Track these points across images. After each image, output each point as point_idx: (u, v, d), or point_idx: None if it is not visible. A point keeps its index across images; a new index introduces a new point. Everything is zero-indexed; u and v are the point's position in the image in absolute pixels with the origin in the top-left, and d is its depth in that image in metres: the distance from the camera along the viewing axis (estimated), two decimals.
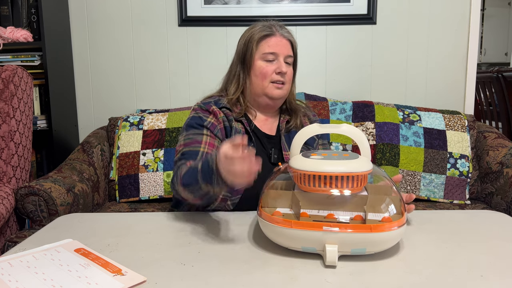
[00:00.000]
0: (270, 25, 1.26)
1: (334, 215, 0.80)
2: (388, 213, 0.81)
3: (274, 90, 1.23)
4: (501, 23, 5.75)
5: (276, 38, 1.23)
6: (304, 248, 0.80)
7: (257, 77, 1.23)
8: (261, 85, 1.23)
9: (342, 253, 0.78)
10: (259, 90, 1.24)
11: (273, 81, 1.22)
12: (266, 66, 1.22)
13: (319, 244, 0.77)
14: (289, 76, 1.24)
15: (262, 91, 1.23)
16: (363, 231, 0.75)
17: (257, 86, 1.24)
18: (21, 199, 1.43)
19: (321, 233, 0.76)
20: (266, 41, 1.23)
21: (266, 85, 1.22)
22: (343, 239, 0.76)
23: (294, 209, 0.85)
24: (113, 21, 2.08)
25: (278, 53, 1.22)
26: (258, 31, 1.24)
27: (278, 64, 1.22)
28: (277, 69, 1.22)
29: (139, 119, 1.87)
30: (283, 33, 1.25)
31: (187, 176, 1.01)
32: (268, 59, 1.22)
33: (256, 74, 1.23)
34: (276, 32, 1.24)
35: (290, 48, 1.25)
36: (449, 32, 2.07)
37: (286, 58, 1.24)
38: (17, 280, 0.73)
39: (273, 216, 0.81)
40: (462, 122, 1.83)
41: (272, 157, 1.24)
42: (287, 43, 1.24)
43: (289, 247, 0.82)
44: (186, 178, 1.00)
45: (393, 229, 0.77)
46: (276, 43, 1.23)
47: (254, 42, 1.23)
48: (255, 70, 1.23)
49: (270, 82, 1.22)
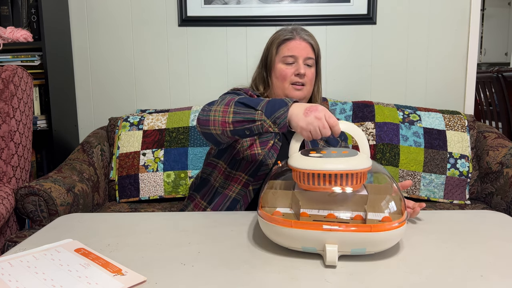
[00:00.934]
0: (292, 29, 1.30)
1: (334, 215, 0.80)
2: (388, 212, 0.81)
3: (293, 91, 1.27)
4: (501, 23, 5.75)
5: (295, 41, 1.28)
6: (304, 248, 0.80)
7: (277, 79, 1.29)
8: (281, 87, 1.28)
9: (342, 253, 0.78)
10: (280, 91, 1.29)
11: (292, 82, 1.26)
12: (286, 68, 1.27)
13: (319, 244, 0.77)
14: (309, 78, 1.28)
15: (283, 92, 1.28)
16: (363, 231, 0.75)
17: (278, 88, 1.29)
18: (21, 199, 1.43)
19: (321, 233, 0.76)
20: (286, 45, 1.28)
21: (286, 87, 1.27)
22: (343, 239, 0.76)
23: (294, 208, 0.85)
24: (113, 21, 2.08)
25: (297, 56, 1.26)
26: (280, 36, 1.30)
27: (297, 66, 1.26)
28: (296, 71, 1.26)
29: (139, 119, 1.87)
30: (303, 36, 1.29)
31: (246, 99, 1.03)
32: (288, 62, 1.27)
33: (277, 76, 1.29)
34: (296, 35, 1.28)
35: (310, 51, 1.29)
36: (449, 32, 2.07)
37: (306, 60, 1.27)
38: (17, 280, 0.73)
39: (273, 216, 0.81)
40: (462, 122, 1.83)
41: None
42: (306, 45, 1.28)
43: (289, 247, 0.82)
44: (244, 100, 1.03)
45: (393, 228, 0.77)
46: (295, 46, 1.27)
47: (275, 45, 1.29)
48: (276, 73, 1.29)
49: (290, 84, 1.27)
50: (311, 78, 1.29)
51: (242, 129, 1.02)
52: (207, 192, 1.31)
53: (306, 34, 1.30)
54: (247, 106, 1.01)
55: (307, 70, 1.27)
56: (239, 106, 1.02)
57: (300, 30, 1.31)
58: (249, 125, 1.00)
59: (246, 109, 1.01)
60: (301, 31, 1.30)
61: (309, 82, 1.28)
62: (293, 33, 1.29)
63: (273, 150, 1.24)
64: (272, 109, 0.97)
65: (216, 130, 1.06)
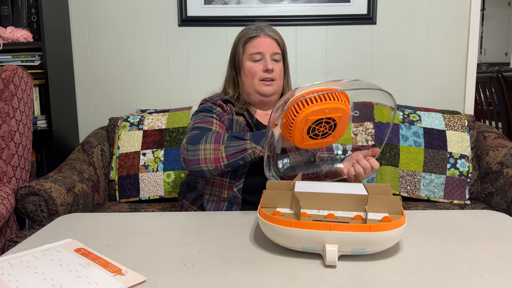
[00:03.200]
0: (256, 27, 1.33)
1: (335, 215, 0.80)
2: (387, 212, 0.80)
3: (263, 87, 1.30)
4: (501, 23, 5.75)
5: (260, 38, 1.31)
6: (304, 248, 0.80)
7: (247, 77, 1.32)
8: (251, 84, 1.31)
9: (342, 253, 0.78)
10: (251, 88, 1.32)
11: (262, 79, 1.30)
12: (254, 65, 1.30)
13: (319, 244, 0.77)
14: (277, 72, 1.31)
15: (253, 89, 1.31)
16: (363, 231, 0.75)
17: (248, 85, 1.32)
18: (21, 199, 1.43)
19: (321, 233, 0.76)
20: (251, 43, 1.31)
21: (256, 83, 1.30)
22: (343, 239, 0.76)
23: (294, 209, 0.85)
24: (113, 21, 2.08)
25: (263, 52, 1.30)
26: (245, 34, 1.33)
27: (265, 62, 1.29)
28: (264, 67, 1.29)
29: (139, 119, 1.87)
30: (267, 32, 1.32)
31: (231, 136, 1.13)
32: (255, 59, 1.30)
33: (246, 74, 1.32)
34: (261, 32, 1.31)
35: (275, 46, 1.32)
36: (449, 32, 2.07)
37: (273, 56, 1.31)
38: (17, 280, 0.73)
39: (273, 216, 0.81)
40: (462, 122, 1.83)
41: None
42: (271, 41, 1.31)
43: (289, 247, 0.82)
44: (230, 137, 1.12)
45: (393, 228, 0.77)
46: (260, 43, 1.30)
47: (241, 44, 1.33)
48: (245, 71, 1.32)
49: (260, 80, 1.30)
50: (279, 73, 1.32)
51: (236, 160, 1.10)
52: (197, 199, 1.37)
53: (270, 31, 1.33)
54: (236, 139, 1.11)
55: (274, 65, 1.30)
56: (229, 140, 1.11)
57: (264, 27, 1.34)
58: (242, 155, 1.09)
59: (236, 142, 1.11)
60: (265, 28, 1.33)
61: (278, 76, 1.32)
62: (257, 31, 1.32)
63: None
64: (258, 137, 1.10)
65: (209, 167, 1.12)
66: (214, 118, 1.27)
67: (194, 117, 1.29)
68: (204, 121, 1.25)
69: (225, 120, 1.29)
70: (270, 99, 1.34)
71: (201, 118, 1.26)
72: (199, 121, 1.25)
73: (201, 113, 1.28)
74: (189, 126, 1.27)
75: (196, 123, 1.25)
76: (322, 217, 0.80)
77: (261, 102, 1.34)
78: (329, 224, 0.76)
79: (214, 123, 1.25)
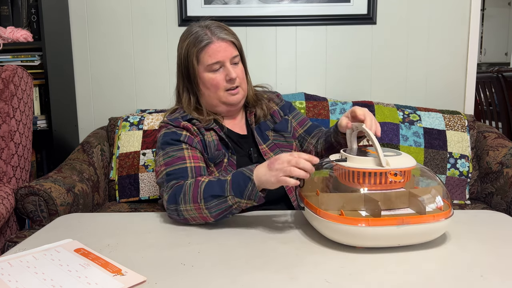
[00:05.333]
0: (204, 31, 1.17)
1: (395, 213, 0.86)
2: (439, 202, 0.88)
3: (230, 97, 1.19)
4: (501, 23, 5.75)
5: (214, 44, 1.15)
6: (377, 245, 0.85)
7: (209, 89, 1.19)
8: (215, 96, 1.19)
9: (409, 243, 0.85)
10: (215, 101, 1.20)
11: (227, 89, 1.18)
12: (215, 76, 1.17)
13: (393, 239, 0.83)
14: (240, 77, 1.20)
15: (219, 100, 1.20)
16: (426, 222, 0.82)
17: (211, 98, 1.20)
18: (21, 199, 1.43)
19: (395, 228, 0.81)
20: (205, 52, 1.15)
21: (221, 95, 1.19)
22: (415, 231, 0.83)
23: (370, 208, 0.86)
24: (113, 21, 2.08)
25: (222, 61, 1.16)
26: (194, 43, 1.17)
27: (226, 71, 1.17)
28: (227, 76, 1.17)
29: (139, 119, 1.87)
30: (220, 35, 1.17)
31: (209, 189, 0.99)
32: (214, 69, 1.16)
33: (207, 86, 1.19)
34: (213, 37, 1.16)
35: (232, 49, 1.19)
36: (449, 32, 2.07)
37: (232, 60, 1.18)
38: (17, 280, 0.73)
39: (354, 218, 0.83)
40: (462, 122, 1.83)
41: (253, 157, 1.23)
42: (227, 45, 1.17)
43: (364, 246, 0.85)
44: (208, 191, 0.98)
45: (449, 216, 0.85)
46: (216, 50, 1.15)
47: (193, 56, 1.17)
48: (205, 83, 1.19)
49: (225, 91, 1.18)
50: (242, 76, 1.21)
51: (223, 216, 1.00)
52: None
53: (222, 32, 1.17)
54: (215, 197, 0.98)
55: (236, 70, 1.18)
56: (209, 200, 0.98)
57: (215, 28, 1.18)
58: (228, 212, 0.99)
59: (217, 200, 0.97)
60: (216, 30, 1.17)
61: (242, 81, 1.20)
62: (208, 35, 1.16)
63: (230, 167, 1.19)
64: (239, 189, 0.96)
65: (199, 222, 1.02)
66: (184, 148, 1.12)
67: (161, 152, 1.14)
68: (174, 161, 1.10)
69: (196, 144, 1.15)
70: (238, 106, 1.25)
71: (170, 157, 1.11)
72: (169, 161, 1.11)
73: (168, 148, 1.13)
74: (159, 163, 1.13)
75: (166, 163, 1.11)
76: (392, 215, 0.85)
77: (228, 111, 1.24)
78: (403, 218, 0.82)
79: (186, 156, 1.11)
